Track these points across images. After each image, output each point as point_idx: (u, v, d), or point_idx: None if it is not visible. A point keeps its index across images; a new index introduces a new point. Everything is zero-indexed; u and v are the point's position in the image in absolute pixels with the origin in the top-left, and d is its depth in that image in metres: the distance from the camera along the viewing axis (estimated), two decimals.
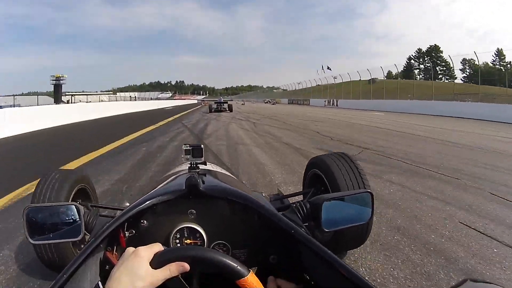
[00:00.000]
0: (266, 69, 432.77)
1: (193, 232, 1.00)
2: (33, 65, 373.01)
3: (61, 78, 74.51)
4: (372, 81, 56.76)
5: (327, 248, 0.85)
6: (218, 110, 27.03)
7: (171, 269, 0.69)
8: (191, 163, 1.21)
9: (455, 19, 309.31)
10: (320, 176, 2.14)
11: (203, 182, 1.05)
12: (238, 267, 0.72)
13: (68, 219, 1.00)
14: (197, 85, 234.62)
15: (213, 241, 1.00)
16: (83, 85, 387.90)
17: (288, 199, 2.16)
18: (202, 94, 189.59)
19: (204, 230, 1.00)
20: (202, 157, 1.21)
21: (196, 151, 1.20)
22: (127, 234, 0.98)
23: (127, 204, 1.55)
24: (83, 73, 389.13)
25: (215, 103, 28.76)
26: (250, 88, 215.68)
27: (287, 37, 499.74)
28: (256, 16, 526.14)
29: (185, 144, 1.21)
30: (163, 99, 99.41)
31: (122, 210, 1.31)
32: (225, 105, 27.69)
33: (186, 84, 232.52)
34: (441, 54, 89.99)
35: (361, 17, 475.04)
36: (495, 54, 68.97)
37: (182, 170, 1.48)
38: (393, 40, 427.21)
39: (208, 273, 0.82)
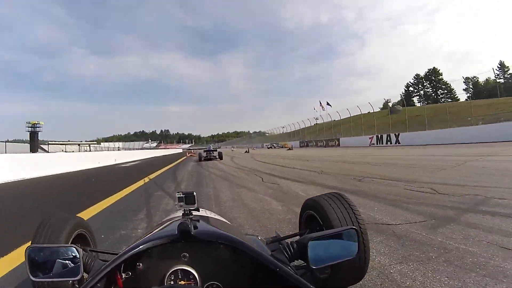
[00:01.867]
0: (251, 115, 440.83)
1: (186, 274, 1.05)
2: (14, 112, 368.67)
3: (37, 125, 72.60)
4: (391, 110, 51.96)
5: (325, 285, 0.94)
6: (208, 159, 26.59)
7: None
8: (184, 209, 1.26)
9: (433, 46, 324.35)
10: (315, 217, 2.19)
11: (195, 227, 1.09)
12: None
13: (68, 260, 1.08)
14: (183, 133, 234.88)
15: (206, 282, 1.05)
16: (67, 135, 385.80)
17: (286, 240, 2.16)
18: (188, 143, 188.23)
19: (197, 272, 1.06)
20: (195, 203, 1.27)
21: (188, 198, 1.26)
22: (123, 275, 1.03)
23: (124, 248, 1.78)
24: (69, 122, 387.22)
25: (204, 151, 28.01)
26: (236, 135, 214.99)
27: (269, 81, 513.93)
28: (238, 63, 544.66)
29: (178, 192, 1.28)
30: (148, 148, 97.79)
31: (115, 254, 1.49)
32: (215, 153, 27.25)
33: (172, 133, 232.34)
34: (441, 77, 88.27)
35: (342, 56, 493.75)
36: (497, 67, 67.02)
37: (176, 217, 1.50)
38: (374, 75, 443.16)
39: None
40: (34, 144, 66.11)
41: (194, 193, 1.27)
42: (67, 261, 1.08)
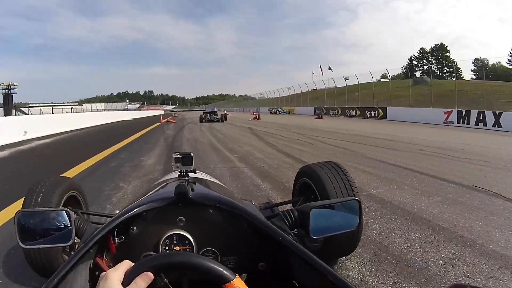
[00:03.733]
0: (237, 80, 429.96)
1: (182, 239, 1.00)
2: None
3: (11, 87, 68.45)
4: (416, 81, 46.04)
5: (317, 256, 0.87)
6: (210, 120, 25.54)
7: (137, 283, 0.68)
8: (181, 171, 1.24)
9: (425, 26, 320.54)
10: (310, 185, 2.14)
11: (193, 190, 1.07)
12: (223, 271, 0.72)
13: (59, 225, 1.01)
14: (167, 95, 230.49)
15: (202, 248, 1.01)
16: (52, 96, 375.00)
17: (278, 207, 2.06)
18: (172, 104, 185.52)
19: (193, 237, 1.01)
20: (192, 165, 1.23)
21: (186, 159, 1.23)
22: (117, 240, 0.99)
23: (117, 211, 1.67)
24: (53, 83, 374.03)
25: (205, 112, 27.17)
26: (222, 97, 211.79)
27: (257, 48, 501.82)
28: (227, 27, 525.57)
29: (175, 152, 1.24)
30: (131, 109, 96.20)
31: (109, 216, 1.61)
32: (218, 115, 26.45)
33: (155, 94, 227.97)
34: (448, 54, 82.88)
35: (332, 27, 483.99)
36: (510, 53, 63.12)
37: (172, 178, 1.48)
38: (363, 49, 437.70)
39: (195, 279, 0.81)
40: (8, 107, 62.05)
41: (192, 154, 1.24)
42: (58, 226, 1.01)
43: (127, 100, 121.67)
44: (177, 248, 1.00)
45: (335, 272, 0.82)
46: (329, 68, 63.15)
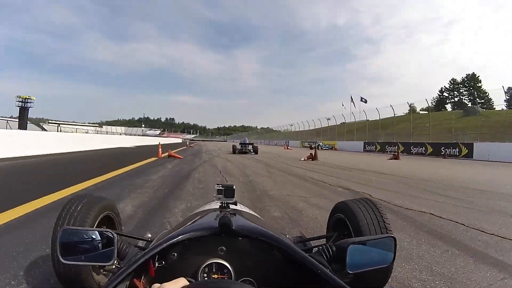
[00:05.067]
0: (259, 111, 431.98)
1: (221, 268, 1.03)
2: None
3: (28, 100, 64.80)
4: (468, 111, 42.00)
5: None
6: (243, 152, 25.36)
7: None
8: (222, 202, 1.30)
9: (446, 58, 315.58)
10: (344, 220, 2.17)
11: (235, 221, 1.08)
12: None
13: (99, 245, 1.05)
14: (188, 123, 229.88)
15: (239, 278, 1.03)
16: (73, 116, 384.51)
17: (311, 242, 2.15)
18: (193, 133, 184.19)
19: (232, 266, 1.03)
20: (233, 197, 1.29)
21: (227, 191, 1.28)
22: (157, 264, 1.02)
23: (149, 235, 2.00)
24: (78, 103, 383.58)
25: (240, 144, 27.11)
26: (243, 129, 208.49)
27: (281, 80, 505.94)
28: (251, 59, 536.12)
29: (217, 184, 1.30)
30: (151, 135, 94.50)
31: (145, 240, 1.73)
32: (250, 147, 26.14)
33: (177, 122, 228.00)
34: (479, 84, 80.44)
35: (354, 60, 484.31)
36: None
37: (213, 208, 1.50)
38: (385, 82, 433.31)
39: None
40: (24, 121, 58.92)
41: (234, 187, 1.27)
42: (98, 246, 1.05)
43: (143, 125, 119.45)
44: (216, 276, 1.02)
45: None
46: (362, 100, 57.44)
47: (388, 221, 2.08)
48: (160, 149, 17.02)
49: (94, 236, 1.06)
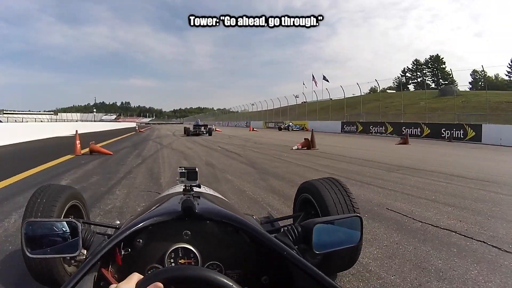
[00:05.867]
0: (215, 93, 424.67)
1: (187, 253, 1.02)
2: None
3: None
4: (444, 91, 39.85)
5: (318, 270, 0.87)
6: (196, 134, 24.19)
7: None
8: (185, 185, 1.24)
9: (402, 41, 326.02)
10: (311, 200, 2.15)
11: (198, 205, 1.07)
12: (233, 285, 0.71)
13: (66, 235, 1.01)
14: (144, 107, 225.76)
15: (206, 262, 1.02)
16: (28, 105, 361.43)
17: (278, 222, 2.20)
18: (149, 116, 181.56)
19: (198, 250, 1.02)
20: (196, 180, 1.24)
21: (191, 174, 1.23)
22: (123, 252, 1.00)
23: (118, 222, 1.99)
24: (30, 91, 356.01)
25: (193, 126, 25.85)
26: (199, 110, 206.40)
27: (236, 62, 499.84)
28: (206, 41, 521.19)
29: (180, 167, 1.24)
30: (106, 121, 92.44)
31: (113, 227, 1.71)
32: (203, 128, 25.02)
33: (133, 106, 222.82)
34: (443, 66, 79.77)
35: (310, 42, 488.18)
36: (509, 64, 63.05)
37: (177, 192, 1.47)
38: (340, 64, 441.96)
39: None
40: None
41: (196, 169, 1.24)
42: (65, 236, 1.01)
43: (95, 111, 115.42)
44: (182, 261, 1.01)
45: (339, 286, 0.81)
46: (324, 79, 53.62)
47: (355, 200, 2.07)
48: (77, 142, 10.70)
49: (58, 227, 1.02)
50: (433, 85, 74.58)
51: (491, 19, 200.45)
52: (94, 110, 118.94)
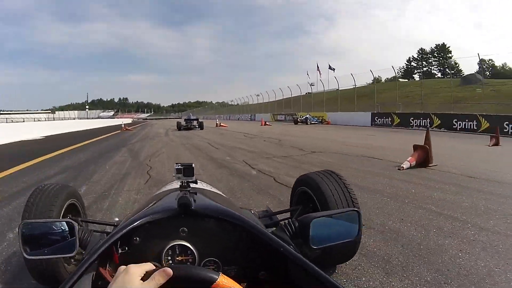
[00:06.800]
0: (214, 87, 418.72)
1: (184, 250, 1.01)
2: None
3: None
4: (467, 80, 35.08)
5: (316, 264, 0.87)
6: (188, 128, 23.87)
7: (156, 278, 0.69)
8: (182, 181, 1.23)
9: (401, 33, 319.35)
10: (309, 193, 2.15)
11: (195, 201, 1.06)
12: (206, 273, 0.71)
13: (62, 235, 1.02)
14: (142, 102, 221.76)
15: (203, 258, 1.02)
16: (26, 104, 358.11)
17: (277, 216, 2.16)
18: (147, 112, 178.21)
19: (195, 247, 1.02)
20: (193, 176, 1.23)
21: (187, 170, 1.21)
22: (120, 250, 0.99)
23: (116, 219, 1.95)
24: (28, 90, 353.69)
25: (184, 120, 25.23)
26: (198, 104, 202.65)
27: (235, 56, 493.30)
28: (206, 35, 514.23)
29: (176, 163, 1.22)
30: (104, 117, 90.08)
31: (112, 225, 1.69)
32: (195, 122, 24.52)
33: (130, 102, 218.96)
34: (450, 55, 75.97)
35: (309, 34, 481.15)
36: None
37: (173, 188, 1.46)
38: (339, 55, 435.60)
39: None
40: None
41: (193, 165, 1.23)
42: (62, 236, 1.02)
43: (87, 108, 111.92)
44: (180, 258, 1.01)
45: (335, 281, 0.81)
46: (330, 68, 48.90)
47: (354, 193, 2.07)
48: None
49: (55, 227, 1.02)
50: (439, 75, 72.50)
51: (491, 9, 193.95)
52: (87, 107, 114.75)
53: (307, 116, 33.76)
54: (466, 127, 19.76)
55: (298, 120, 34.12)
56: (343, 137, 16.26)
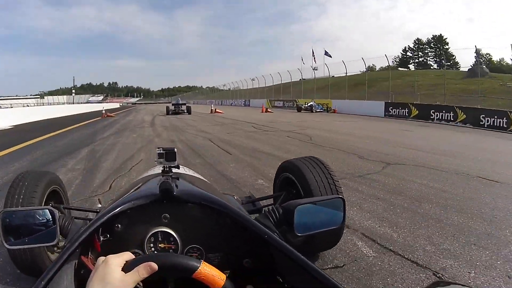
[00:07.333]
0: (204, 71, 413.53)
1: (167, 237, 0.99)
2: None
3: None
4: (473, 72, 29.86)
5: (300, 251, 0.87)
6: (176, 113, 24.18)
7: (140, 271, 0.68)
8: (164, 166, 1.20)
9: (393, 23, 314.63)
10: (292, 180, 2.11)
11: (177, 186, 1.05)
12: (188, 261, 0.71)
13: (44, 223, 1.00)
14: (131, 86, 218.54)
15: (187, 245, 1.00)
16: (15, 90, 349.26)
17: (260, 202, 2.14)
18: (137, 96, 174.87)
19: (178, 234, 1.00)
20: (175, 160, 1.20)
21: (169, 155, 1.19)
22: (101, 238, 0.97)
23: (99, 205, 1.88)
24: (16, 76, 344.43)
25: (172, 105, 25.67)
26: (188, 89, 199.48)
27: (224, 41, 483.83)
28: (194, 20, 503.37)
29: (158, 148, 1.20)
30: (93, 102, 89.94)
31: (94, 211, 1.63)
32: (183, 107, 25.08)
33: (120, 86, 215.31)
34: (447, 47, 73.42)
35: (299, 21, 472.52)
36: None
37: (156, 174, 1.43)
38: (330, 43, 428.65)
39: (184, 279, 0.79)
40: None
41: (175, 149, 1.20)
42: (43, 225, 0.99)
43: (73, 92, 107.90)
44: (162, 245, 0.99)
45: (319, 269, 0.81)
46: (326, 54, 44.97)
47: (338, 180, 2.05)
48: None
49: (35, 215, 0.99)
50: (435, 66, 69.66)
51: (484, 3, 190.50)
52: (73, 91, 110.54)
53: (312, 103, 30.82)
54: (495, 124, 16.93)
55: (302, 107, 31.41)
56: (375, 131, 13.14)
